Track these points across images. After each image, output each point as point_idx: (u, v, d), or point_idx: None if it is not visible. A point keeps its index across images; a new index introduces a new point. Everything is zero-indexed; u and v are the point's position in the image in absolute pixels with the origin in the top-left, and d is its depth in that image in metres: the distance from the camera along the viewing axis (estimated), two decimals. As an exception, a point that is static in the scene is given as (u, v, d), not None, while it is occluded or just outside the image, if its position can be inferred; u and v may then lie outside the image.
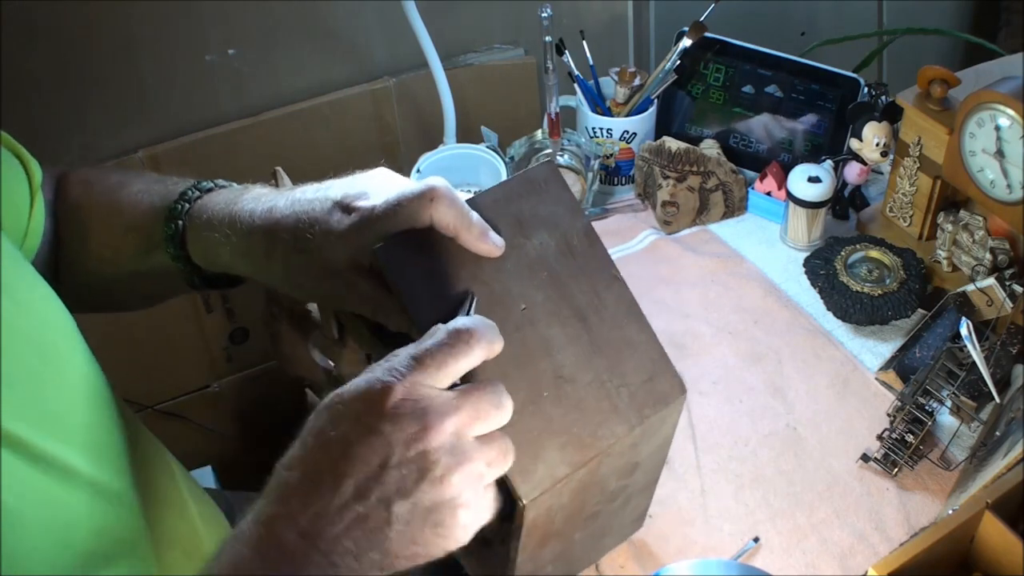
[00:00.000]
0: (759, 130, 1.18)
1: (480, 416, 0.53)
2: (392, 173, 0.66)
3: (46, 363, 0.60)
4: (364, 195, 0.62)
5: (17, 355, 0.57)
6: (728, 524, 0.83)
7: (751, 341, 1.00)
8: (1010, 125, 0.91)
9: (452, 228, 0.58)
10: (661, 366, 0.63)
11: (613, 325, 0.62)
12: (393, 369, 0.52)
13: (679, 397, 0.64)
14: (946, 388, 0.89)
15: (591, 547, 0.74)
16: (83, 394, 0.63)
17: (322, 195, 0.63)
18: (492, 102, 1.37)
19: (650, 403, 0.62)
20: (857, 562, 0.80)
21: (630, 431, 0.61)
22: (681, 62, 1.16)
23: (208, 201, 0.69)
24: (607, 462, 0.61)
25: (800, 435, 0.91)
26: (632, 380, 0.62)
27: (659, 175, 1.12)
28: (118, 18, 1.18)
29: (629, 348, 0.63)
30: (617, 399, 0.61)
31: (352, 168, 0.68)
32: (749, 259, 1.10)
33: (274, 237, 0.63)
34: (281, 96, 1.32)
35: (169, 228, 0.69)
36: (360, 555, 0.50)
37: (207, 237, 0.67)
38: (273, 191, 0.67)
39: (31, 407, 0.57)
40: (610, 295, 0.63)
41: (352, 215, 0.60)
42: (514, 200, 0.63)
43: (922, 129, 1.01)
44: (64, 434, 0.59)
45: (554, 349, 0.60)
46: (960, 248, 1.02)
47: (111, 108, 1.24)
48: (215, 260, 0.68)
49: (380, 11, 1.30)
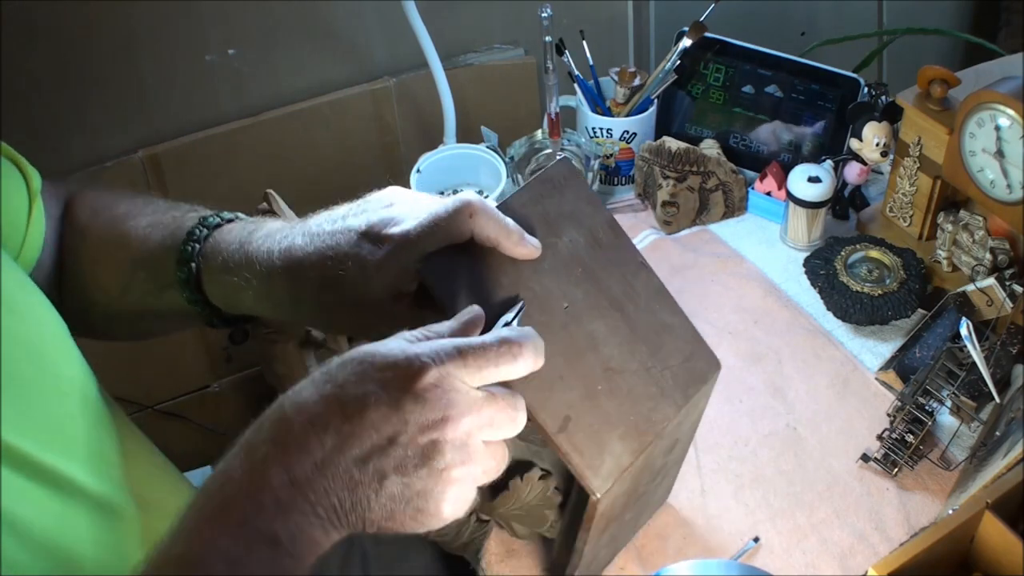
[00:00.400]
0: (767, 135, 1.18)
1: (495, 424, 0.53)
2: (407, 192, 0.66)
3: (43, 373, 0.60)
4: (392, 221, 0.61)
5: (14, 366, 0.56)
6: (728, 524, 0.83)
7: (751, 341, 1.00)
8: (1010, 125, 0.91)
9: (493, 238, 0.59)
10: (696, 345, 0.66)
11: (648, 311, 0.64)
12: (435, 352, 0.51)
13: (716, 372, 0.67)
14: (946, 388, 0.89)
15: (633, 525, 0.77)
16: (79, 404, 0.63)
17: (343, 226, 0.62)
18: (492, 102, 1.37)
19: (692, 382, 0.65)
20: (857, 562, 0.80)
21: (678, 411, 0.63)
22: (681, 62, 1.16)
23: (220, 241, 0.68)
24: (658, 443, 0.64)
25: (800, 435, 0.91)
26: (673, 362, 0.64)
27: (659, 175, 1.12)
28: (118, 18, 1.18)
29: (666, 331, 0.65)
30: (663, 382, 0.63)
31: (353, 168, 0.67)
32: (749, 259, 1.10)
33: (299, 278, 0.62)
34: (281, 96, 1.32)
35: (182, 272, 0.68)
36: (341, 513, 0.50)
37: (225, 281, 0.66)
38: (286, 225, 0.66)
39: (30, 419, 0.57)
40: (639, 282, 0.65)
41: (386, 245, 0.60)
42: (539, 201, 0.64)
43: (922, 129, 1.01)
44: (63, 446, 0.59)
45: (599, 343, 0.61)
46: (960, 248, 1.02)
47: (111, 108, 1.24)
48: (237, 304, 0.67)
49: (380, 11, 1.30)
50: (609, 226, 0.65)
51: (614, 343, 0.62)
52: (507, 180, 1.13)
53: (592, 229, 0.65)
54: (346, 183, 0.71)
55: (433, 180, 1.16)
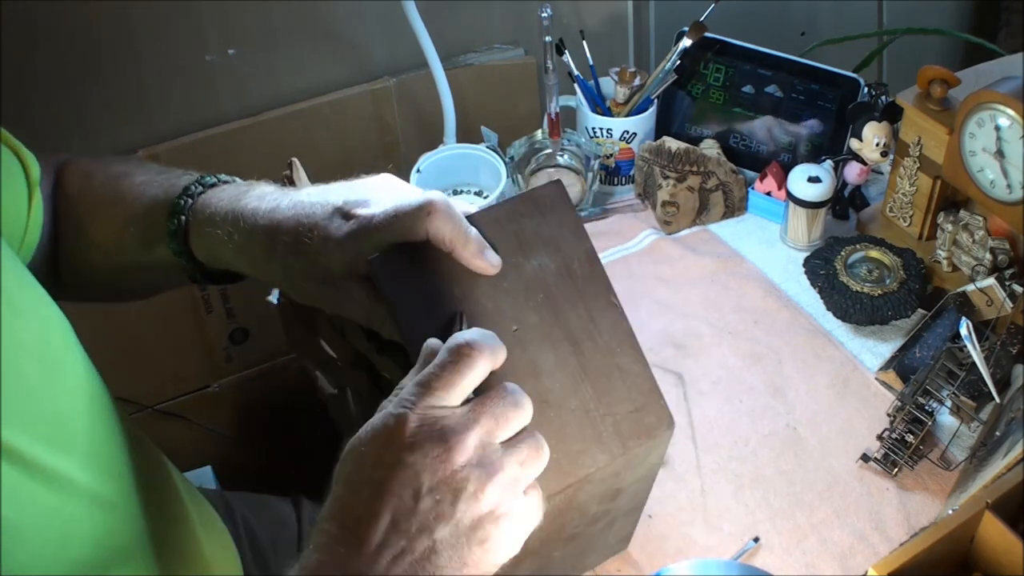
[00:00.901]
0: (761, 132, 1.18)
1: (500, 422, 0.52)
2: (396, 180, 0.66)
3: (45, 371, 0.60)
4: (365, 202, 0.61)
5: (16, 364, 0.56)
6: (728, 524, 0.83)
7: (751, 341, 1.00)
8: (1010, 125, 0.91)
9: (448, 242, 0.58)
10: (651, 398, 0.62)
11: (606, 352, 0.61)
12: (403, 400, 0.52)
13: (666, 431, 0.63)
14: (946, 388, 0.89)
15: (572, 564, 0.74)
16: (82, 402, 0.63)
17: (324, 199, 0.63)
18: (492, 102, 1.37)
19: (635, 434, 0.61)
20: (857, 562, 0.80)
21: (611, 461, 0.60)
22: (681, 62, 1.15)
23: (212, 197, 0.69)
24: (587, 489, 0.61)
25: (800, 435, 0.91)
26: (619, 410, 0.61)
27: (659, 175, 1.12)
28: (118, 18, 1.18)
29: (620, 376, 0.62)
30: (602, 427, 0.60)
31: (353, 168, 0.68)
32: (749, 259, 1.10)
33: (275, 238, 0.63)
34: (281, 96, 1.32)
35: (172, 223, 0.69)
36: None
37: (209, 234, 0.67)
38: (278, 190, 0.67)
39: (30, 417, 0.57)
40: (606, 322, 0.62)
41: (351, 222, 0.60)
42: (516, 218, 0.62)
43: (922, 129, 1.01)
44: (63, 443, 0.59)
45: (542, 373, 0.59)
46: (960, 248, 1.02)
47: (111, 108, 1.24)
48: (217, 257, 0.68)
49: (380, 11, 1.30)
50: (587, 258, 0.63)
51: (558, 377, 0.60)
52: (507, 180, 1.13)
53: (568, 258, 0.62)
54: (346, 183, 0.72)
55: (433, 180, 1.16)
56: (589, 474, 0.59)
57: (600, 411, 0.60)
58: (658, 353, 0.98)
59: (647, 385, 0.62)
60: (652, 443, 0.62)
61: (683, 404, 0.94)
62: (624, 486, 0.66)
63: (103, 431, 0.64)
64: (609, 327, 0.62)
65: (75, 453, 0.60)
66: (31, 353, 0.58)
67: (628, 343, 0.63)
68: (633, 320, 0.64)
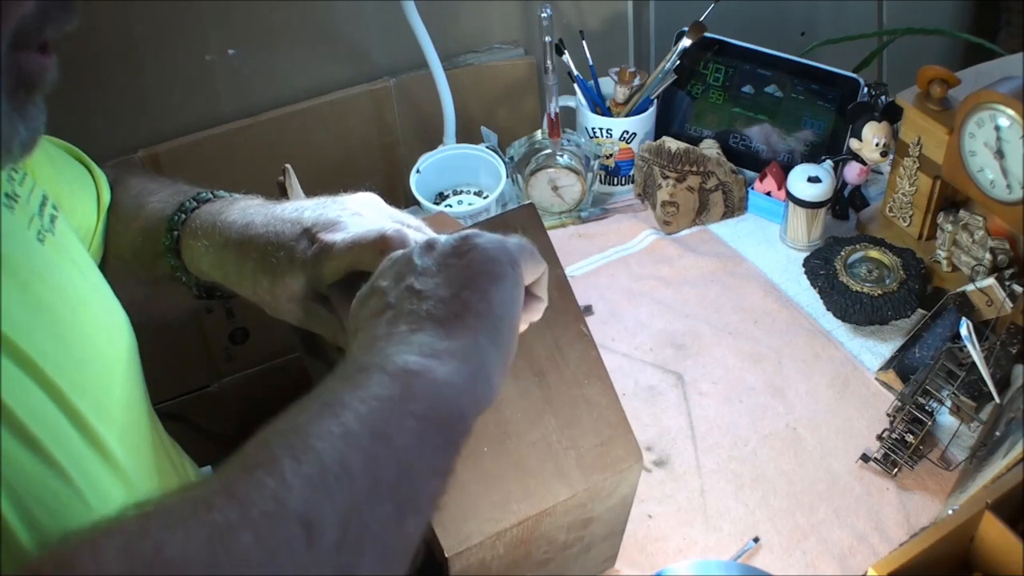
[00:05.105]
0: (760, 139, 1.18)
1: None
2: (374, 202, 0.66)
3: (113, 351, 0.63)
4: (335, 225, 0.61)
5: (78, 329, 0.59)
6: (728, 524, 0.83)
7: (751, 341, 1.00)
8: (1010, 125, 0.91)
9: None
10: (619, 431, 0.61)
11: (572, 384, 0.60)
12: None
13: (633, 465, 0.61)
14: (946, 388, 0.89)
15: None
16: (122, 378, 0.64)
17: (296, 217, 0.63)
18: (492, 102, 1.37)
19: (599, 468, 0.60)
20: (857, 562, 0.80)
21: (572, 495, 0.59)
22: (681, 62, 1.16)
23: (203, 210, 0.71)
24: (549, 520, 0.60)
25: (800, 435, 0.91)
26: (583, 443, 0.60)
27: (659, 175, 1.12)
28: (118, 18, 1.18)
29: (586, 409, 0.60)
30: (564, 460, 0.59)
31: (353, 168, 0.68)
32: (749, 259, 1.10)
33: (244, 254, 0.64)
34: (281, 96, 1.32)
35: (167, 238, 0.71)
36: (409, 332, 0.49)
37: (192, 247, 0.69)
38: (261, 204, 0.68)
39: (92, 388, 0.58)
40: (573, 352, 0.61)
41: (314, 246, 0.61)
42: None
43: (922, 129, 1.01)
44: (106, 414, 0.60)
45: (503, 404, 0.58)
46: (960, 248, 1.02)
47: (111, 108, 1.24)
48: (199, 270, 0.70)
49: (380, 11, 1.30)
50: (557, 286, 0.61)
51: (519, 408, 0.58)
52: (507, 180, 1.13)
53: None
54: (346, 183, 0.71)
55: (433, 180, 1.16)
56: (548, 508, 0.58)
57: (563, 444, 0.59)
58: (658, 353, 0.98)
59: (615, 418, 0.61)
60: (618, 478, 0.61)
61: (683, 404, 0.94)
62: (595, 515, 0.64)
63: (137, 411, 0.66)
64: (577, 358, 0.61)
65: (114, 426, 0.60)
66: (102, 331, 0.62)
67: (596, 374, 0.61)
68: (633, 320, 0.63)
